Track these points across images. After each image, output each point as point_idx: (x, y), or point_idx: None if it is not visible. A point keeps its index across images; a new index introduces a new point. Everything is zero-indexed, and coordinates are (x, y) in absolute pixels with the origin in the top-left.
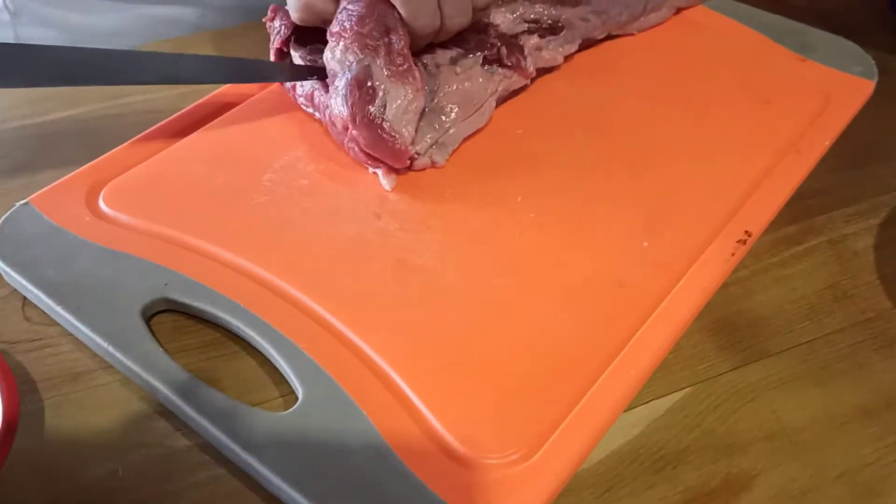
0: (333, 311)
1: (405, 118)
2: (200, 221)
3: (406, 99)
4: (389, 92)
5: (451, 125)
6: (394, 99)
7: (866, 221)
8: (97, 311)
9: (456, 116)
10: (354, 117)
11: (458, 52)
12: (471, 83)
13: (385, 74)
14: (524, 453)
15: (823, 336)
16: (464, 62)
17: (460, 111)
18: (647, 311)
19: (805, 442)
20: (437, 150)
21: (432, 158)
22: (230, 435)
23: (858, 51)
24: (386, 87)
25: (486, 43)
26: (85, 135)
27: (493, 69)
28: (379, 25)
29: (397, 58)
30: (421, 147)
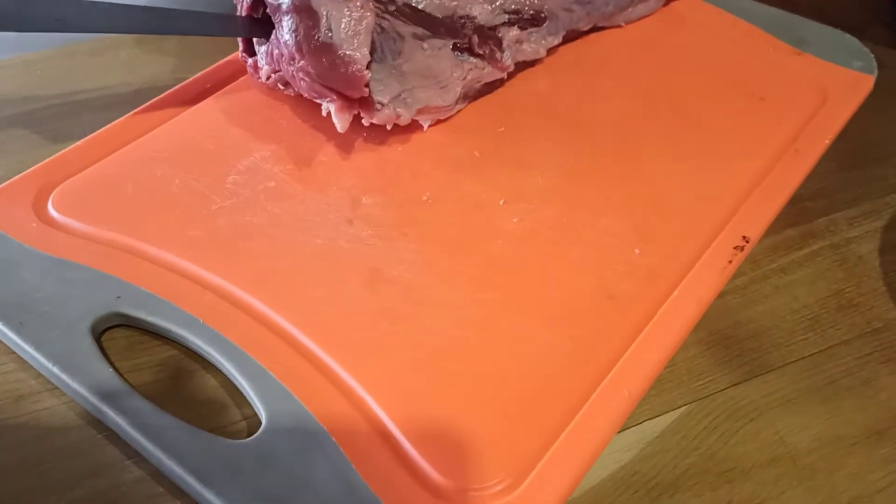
0: (301, 326)
1: (356, 40)
2: (157, 228)
3: (352, 17)
4: (332, 14)
5: (415, 88)
6: (339, 18)
7: (870, 224)
8: (42, 327)
9: (419, 83)
10: (300, 45)
11: (424, 33)
12: (437, 61)
13: None
14: (509, 483)
15: (828, 349)
16: (432, 41)
17: (423, 80)
18: (639, 325)
19: (811, 466)
20: (401, 105)
21: (396, 110)
22: (186, 466)
23: (857, 45)
24: (328, 9)
25: (458, 33)
26: (34, 134)
27: (462, 57)
28: None
29: None
30: (385, 98)
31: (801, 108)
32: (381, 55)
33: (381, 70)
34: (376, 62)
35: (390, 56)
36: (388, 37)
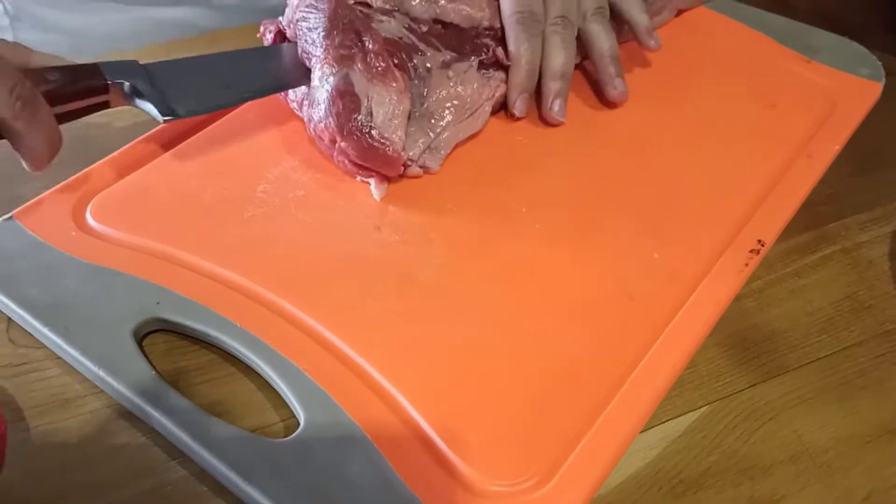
0: (334, 329)
1: (393, 123)
2: (192, 235)
3: (391, 102)
4: (373, 98)
5: (442, 130)
6: (379, 104)
7: (880, 229)
8: (85, 332)
9: (448, 122)
10: (342, 128)
11: (451, 56)
12: (464, 87)
13: (365, 80)
14: (538, 480)
15: (842, 350)
16: (457, 66)
17: (453, 116)
18: (660, 326)
19: (829, 463)
20: (429, 156)
21: (425, 164)
22: (228, 464)
23: (864, 52)
24: (369, 94)
25: (483, 46)
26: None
27: (489, 73)
28: (348, 32)
29: (375, 60)
30: (413, 153)
31: (812, 115)
32: (412, 108)
33: (410, 124)
34: None
35: (419, 102)
36: (418, 78)
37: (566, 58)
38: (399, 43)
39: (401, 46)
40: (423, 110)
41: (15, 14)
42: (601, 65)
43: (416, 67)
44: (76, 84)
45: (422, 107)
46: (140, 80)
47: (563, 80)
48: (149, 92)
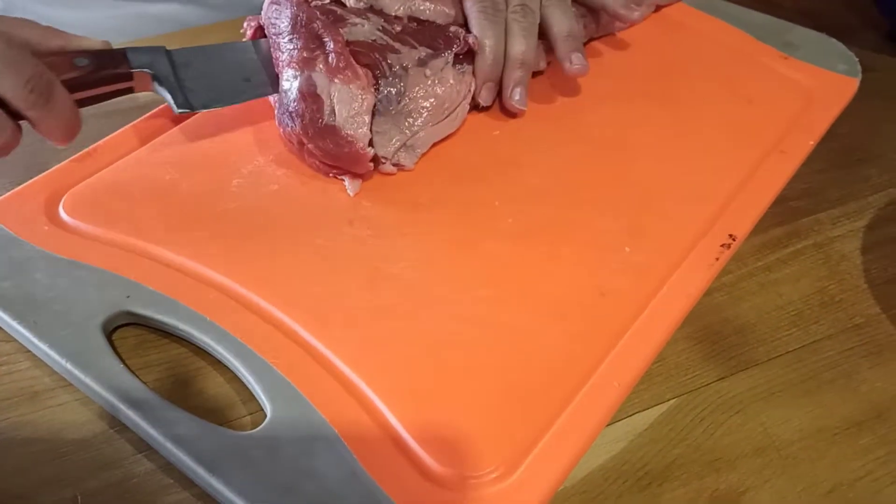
0: (304, 323)
1: (357, 119)
2: (164, 230)
3: (354, 99)
4: (335, 95)
5: (419, 129)
6: (341, 102)
7: (853, 223)
8: (55, 325)
9: (425, 121)
10: (306, 130)
11: (426, 53)
12: (442, 87)
13: (327, 80)
14: (504, 471)
15: (811, 344)
16: (434, 63)
17: (430, 116)
18: (629, 320)
19: (794, 456)
20: (404, 153)
21: (399, 162)
22: (195, 457)
23: (842, 49)
24: (331, 92)
25: (455, 37)
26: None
27: (463, 68)
28: (309, 35)
29: (336, 60)
30: (387, 150)
31: (787, 111)
32: (386, 103)
33: (383, 122)
34: (380, 114)
35: (395, 101)
36: (393, 76)
37: (526, 45)
38: (373, 44)
39: (374, 47)
40: (399, 108)
41: (5, 8)
42: (558, 42)
43: (391, 66)
44: (102, 71)
45: (398, 105)
46: (163, 68)
47: (524, 69)
48: (169, 80)
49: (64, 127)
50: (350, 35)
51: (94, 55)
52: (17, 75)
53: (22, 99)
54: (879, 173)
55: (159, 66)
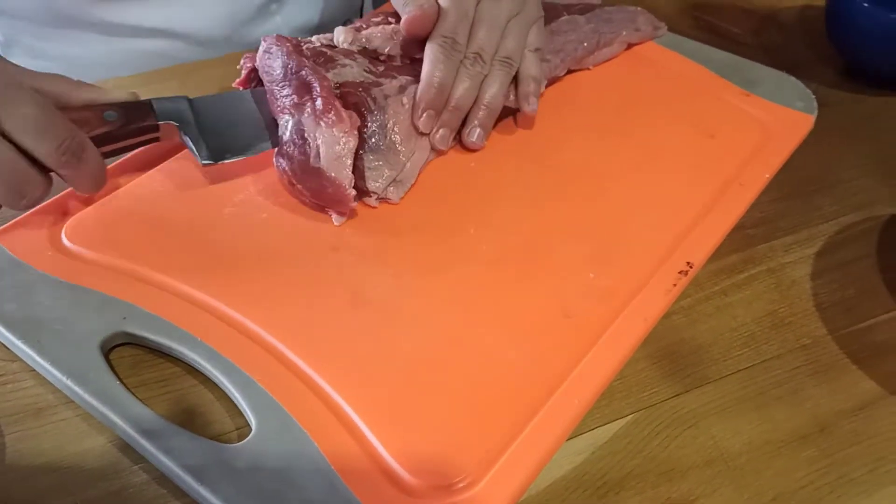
0: (289, 343)
1: (340, 162)
2: (160, 255)
3: (337, 142)
4: (320, 139)
5: (406, 160)
6: (326, 145)
7: (804, 250)
8: (57, 345)
9: (408, 148)
10: (296, 171)
11: (406, 80)
12: None
13: (314, 124)
14: (471, 480)
15: (762, 363)
16: (411, 90)
17: (410, 142)
18: (592, 341)
19: (741, 467)
20: (393, 189)
21: (386, 196)
22: (185, 468)
23: (800, 86)
24: (317, 136)
25: None
26: None
27: None
28: (298, 82)
29: (322, 105)
30: (378, 186)
31: (746, 145)
32: (375, 141)
33: (375, 159)
34: (371, 151)
35: (382, 134)
36: (378, 110)
37: (465, 91)
38: (360, 84)
39: (361, 86)
40: (387, 143)
41: (6, 42)
42: (472, 110)
43: (375, 99)
44: (130, 125)
45: (385, 139)
46: (187, 119)
47: (487, 111)
48: (193, 131)
49: (92, 180)
50: (339, 77)
51: (122, 108)
52: (52, 140)
53: (55, 160)
54: (831, 203)
55: (184, 117)
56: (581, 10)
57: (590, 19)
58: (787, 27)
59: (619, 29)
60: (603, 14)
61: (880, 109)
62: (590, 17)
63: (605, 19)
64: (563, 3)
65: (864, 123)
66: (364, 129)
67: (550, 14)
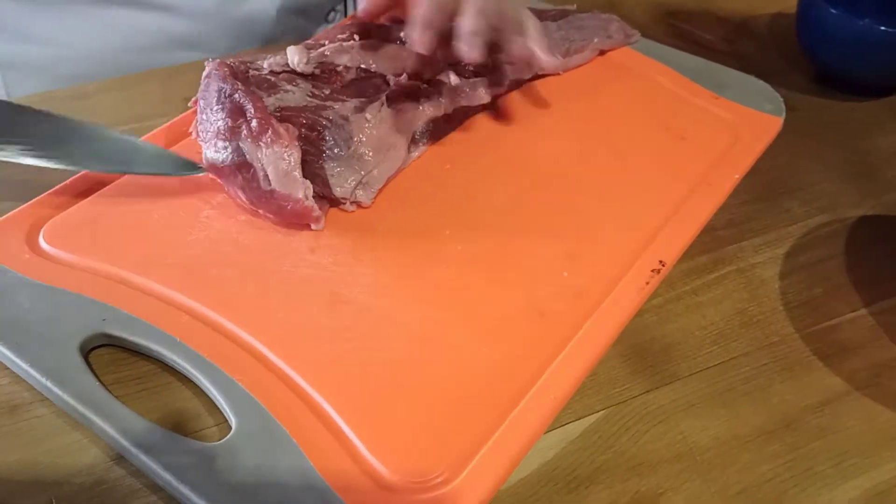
0: (267, 343)
1: (288, 178)
2: (138, 257)
3: (281, 159)
4: (264, 160)
5: (372, 167)
6: (272, 164)
7: (773, 251)
8: (36, 347)
9: (375, 160)
10: (251, 199)
11: (361, 101)
12: (383, 126)
13: (253, 146)
14: (447, 476)
15: (730, 360)
16: (371, 108)
17: (378, 155)
18: (565, 339)
19: (709, 461)
20: (361, 191)
21: (357, 199)
22: (164, 465)
23: (768, 89)
24: (259, 157)
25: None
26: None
27: (399, 106)
28: (232, 106)
29: (257, 125)
30: (345, 191)
31: (716, 147)
32: (336, 150)
33: (336, 166)
34: (332, 159)
35: (344, 146)
36: (336, 126)
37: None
38: (304, 108)
39: (306, 109)
40: (349, 153)
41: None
42: None
43: (330, 119)
44: None
45: (348, 150)
46: None
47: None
48: None
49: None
50: (280, 101)
51: None
52: None
53: None
54: (799, 205)
55: None
56: (554, 16)
57: (561, 26)
58: (760, 34)
59: (591, 36)
60: (575, 21)
61: (848, 115)
62: (561, 24)
63: (577, 27)
64: (537, 10)
65: (832, 128)
66: (322, 143)
67: None
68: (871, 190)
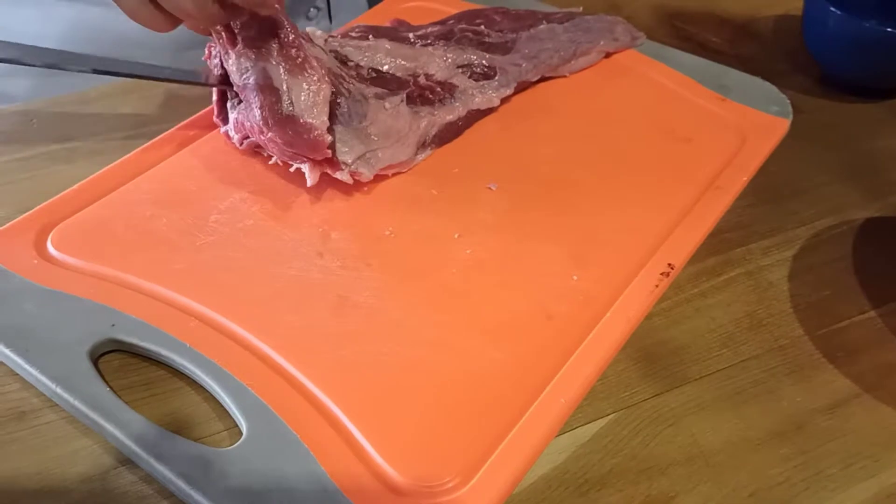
0: (277, 348)
1: (315, 108)
2: (147, 262)
3: (310, 89)
4: (292, 87)
5: (378, 147)
6: (298, 92)
7: (781, 253)
8: (45, 353)
9: (383, 143)
10: (266, 120)
11: (383, 91)
12: (396, 120)
13: (283, 72)
14: (459, 481)
15: (740, 363)
16: (391, 99)
17: (383, 140)
18: (575, 343)
19: (720, 464)
20: (363, 163)
21: (358, 170)
22: (174, 470)
23: (774, 91)
24: (288, 83)
25: (406, 82)
26: (33, 178)
27: (417, 108)
28: (264, 25)
29: (291, 51)
30: (349, 158)
31: (723, 149)
32: (348, 119)
33: (346, 132)
34: (342, 125)
35: (356, 119)
36: (353, 100)
37: None
38: (330, 70)
39: (331, 73)
40: (360, 126)
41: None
42: None
43: (349, 91)
44: None
45: (359, 123)
46: None
47: None
48: None
49: None
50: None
51: None
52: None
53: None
54: (806, 207)
55: None
56: (561, 19)
57: (567, 29)
58: (763, 37)
59: (597, 38)
60: (581, 23)
61: (854, 116)
62: (568, 27)
63: (584, 29)
64: (543, 12)
65: (837, 130)
66: (338, 107)
67: (530, 21)
68: (877, 192)
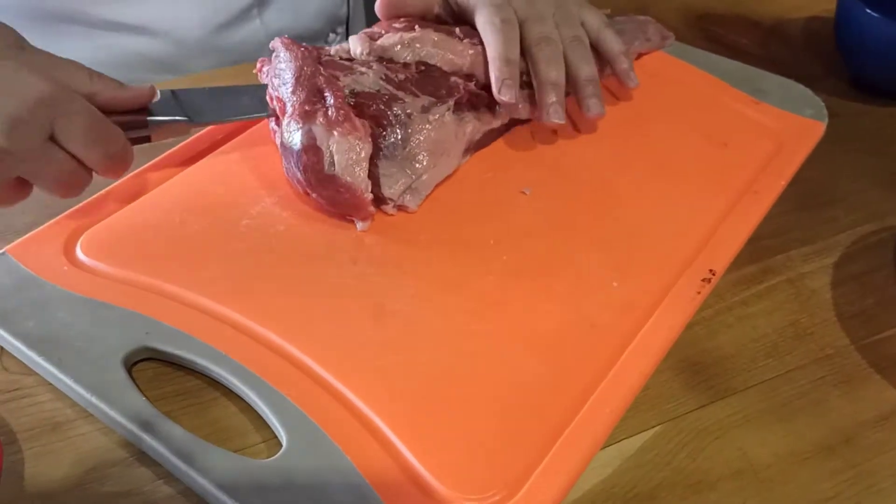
0: (315, 356)
1: (355, 169)
2: (178, 269)
3: (352, 150)
4: (334, 147)
5: (423, 171)
6: (340, 153)
7: (822, 260)
8: (78, 362)
9: (428, 163)
10: (309, 179)
11: (429, 101)
12: (442, 131)
13: (326, 132)
14: (504, 494)
15: (785, 373)
16: (436, 110)
17: (431, 158)
18: (617, 351)
19: (769, 478)
20: (409, 196)
21: (404, 203)
22: (216, 485)
23: (809, 94)
24: (330, 144)
25: (456, 86)
26: None
27: (462, 115)
28: (311, 88)
29: (335, 113)
30: (393, 192)
31: (759, 154)
32: (392, 149)
33: (391, 166)
34: (387, 158)
35: (400, 146)
36: (398, 125)
37: (557, 73)
38: (377, 95)
39: (378, 98)
40: (404, 154)
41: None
42: (579, 85)
43: (396, 115)
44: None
45: (403, 150)
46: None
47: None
48: None
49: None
50: (355, 84)
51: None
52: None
53: (102, 166)
54: (845, 214)
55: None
56: None
57: None
58: (793, 39)
59: (631, 40)
60: (615, 25)
61: (888, 121)
62: None
63: (618, 31)
64: None
65: (872, 134)
66: (381, 140)
67: None
68: None
